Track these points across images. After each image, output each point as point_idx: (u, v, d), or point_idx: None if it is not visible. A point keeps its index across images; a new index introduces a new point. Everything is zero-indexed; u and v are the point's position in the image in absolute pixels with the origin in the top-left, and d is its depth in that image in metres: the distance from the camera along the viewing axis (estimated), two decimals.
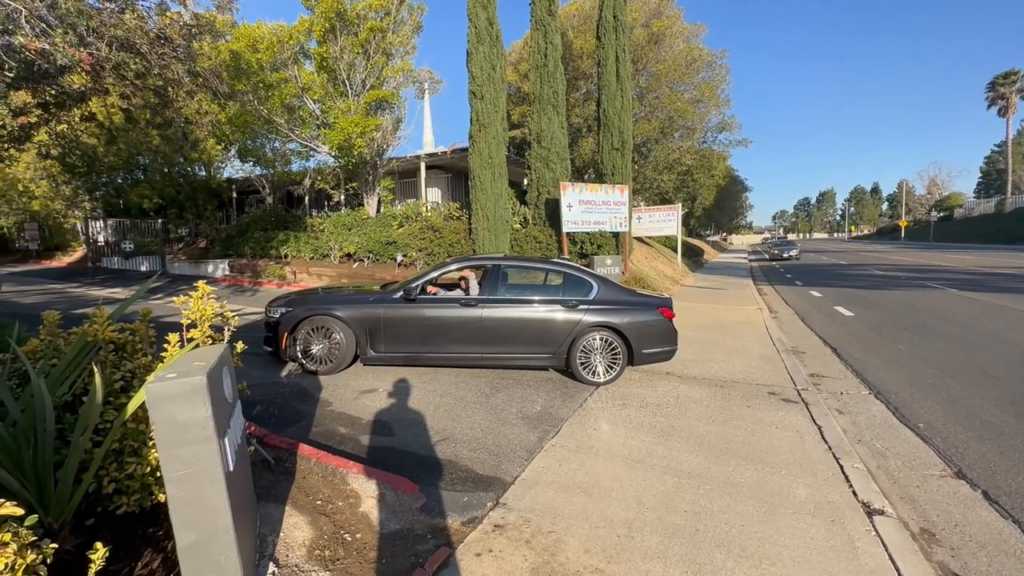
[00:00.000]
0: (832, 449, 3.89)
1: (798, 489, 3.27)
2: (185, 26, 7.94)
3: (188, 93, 9.71)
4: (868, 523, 2.90)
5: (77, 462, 2.14)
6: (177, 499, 1.75)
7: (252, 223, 17.26)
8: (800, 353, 7.33)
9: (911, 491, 3.43)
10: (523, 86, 22.38)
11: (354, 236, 15.03)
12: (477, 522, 2.80)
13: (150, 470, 2.33)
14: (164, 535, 2.35)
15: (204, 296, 2.75)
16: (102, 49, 6.14)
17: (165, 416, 1.71)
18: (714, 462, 3.62)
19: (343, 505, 2.89)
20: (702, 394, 5.18)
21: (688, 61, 22.94)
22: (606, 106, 14.60)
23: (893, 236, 68.41)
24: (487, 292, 5.56)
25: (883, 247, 45.97)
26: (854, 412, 4.94)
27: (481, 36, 12.64)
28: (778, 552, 2.61)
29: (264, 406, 4.49)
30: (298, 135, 15.63)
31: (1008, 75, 53.31)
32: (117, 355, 2.64)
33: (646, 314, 5.45)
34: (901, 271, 19.86)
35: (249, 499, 2.45)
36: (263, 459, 3.23)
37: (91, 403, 2.18)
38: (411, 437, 3.95)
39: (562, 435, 4.05)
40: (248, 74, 13.75)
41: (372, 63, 14.84)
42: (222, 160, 20.24)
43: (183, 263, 18.02)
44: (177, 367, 1.91)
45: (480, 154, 12.83)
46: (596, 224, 12.92)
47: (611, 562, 2.49)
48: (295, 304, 5.66)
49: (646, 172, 24.83)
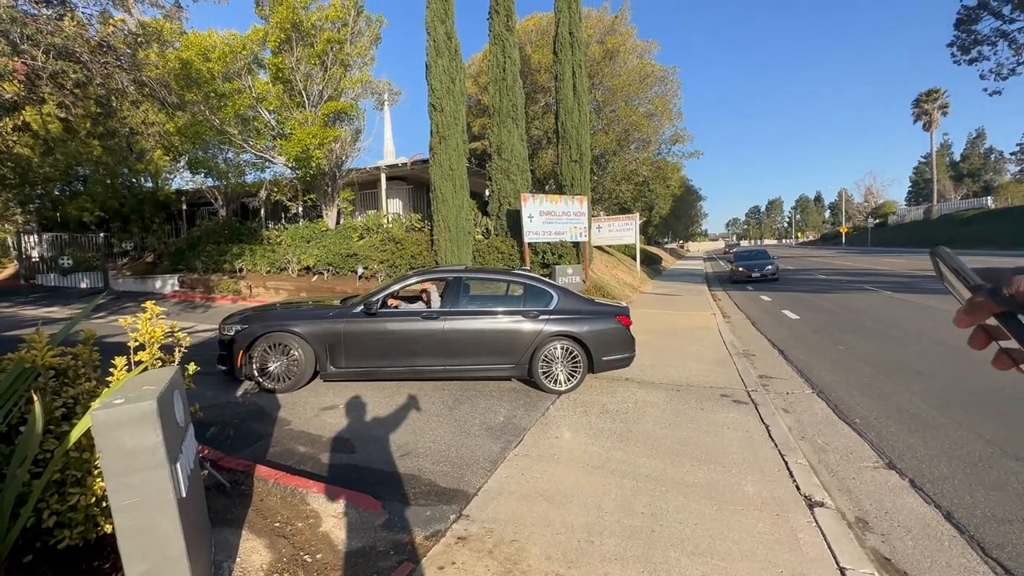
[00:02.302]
0: (778, 446, 4.12)
1: (747, 486, 3.45)
2: (130, 34, 7.65)
3: (133, 103, 9.31)
4: (809, 515, 3.10)
5: (14, 496, 2.04)
6: (126, 528, 1.71)
7: (204, 236, 16.59)
8: (751, 356, 7.70)
9: (848, 483, 3.69)
10: (483, 98, 22.62)
11: (313, 249, 14.70)
12: (440, 535, 2.82)
13: (95, 500, 2.24)
14: (111, 567, 2.26)
15: (153, 317, 2.67)
16: (38, 57, 5.85)
17: (112, 444, 1.67)
18: (670, 464, 3.78)
19: (303, 526, 2.85)
20: (659, 398, 5.38)
21: (642, 76, 23.81)
22: (564, 119, 14.96)
23: (835, 241, 72.87)
24: (449, 304, 5.59)
25: (827, 252, 48.78)
26: (799, 411, 5.24)
27: (440, 49, 12.75)
28: (728, 547, 2.75)
29: (219, 427, 4.34)
30: (252, 146, 15.21)
31: (931, 93, 57.86)
32: (58, 381, 2.52)
33: (604, 322, 5.62)
34: (842, 275, 21.14)
35: (203, 525, 2.39)
36: (218, 483, 3.14)
37: (30, 433, 2.08)
38: (373, 453, 3.92)
39: (525, 444, 4.11)
40: (199, 84, 13.31)
41: (330, 74, 14.66)
42: (171, 171, 19.37)
43: (128, 279, 17.08)
44: (125, 392, 1.87)
45: (441, 166, 12.87)
46: (557, 234, 13.17)
47: (571, 567, 2.56)
48: (251, 320, 5.51)
49: (604, 183, 25.48)
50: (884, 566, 2.74)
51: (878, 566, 2.72)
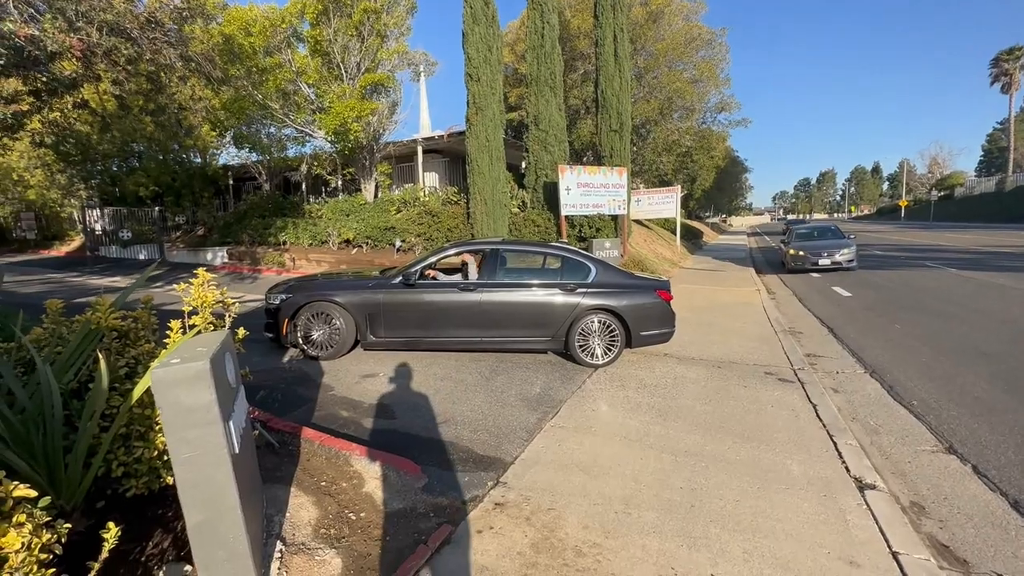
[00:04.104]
0: (826, 427, 3.96)
1: (792, 465, 3.34)
2: (175, 9, 7.81)
3: (181, 78, 9.59)
4: (860, 497, 2.97)
5: (86, 447, 2.19)
6: (185, 480, 1.80)
7: (250, 210, 17.19)
8: (797, 333, 7.39)
9: (903, 466, 3.51)
10: (520, 67, 22.07)
11: (352, 222, 14.99)
12: (478, 501, 2.87)
13: (157, 453, 2.38)
14: (173, 516, 2.41)
15: (205, 283, 2.77)
16: (92, 34, 6.05)
17: (171, 400, 1.75)
18: (710, 440, 3.69)
19: (347, 486, 2.96)
20: (699, 374, 5.25)
21: (687, 39, 22.58)
22: (604, 87, 14.42)
23: (893, 216, 68.18)
24: (486, 276, 5.58)
25: (883, 227, 45.84)
26: (849, 391, 5.01)
27: (477, 16, 12.43)
28: (771, 525, 2.68)
29: (267, 391, 4.55)
30: (293, 120, 15.47)
31: (1012, 51, 52.44)
32: (121, 342, 2.67)
33: (644, 297, 5.49)
34: (900, 251, 19.86)
35: (255, 480, 2.51)
36: (267, 442, 3.29)
37: (97, 389, 2.22)
38: (412, 419, 4.02)
39: (561, 416, 4.11)
40: (241, 58, 13.54)
41: (367, 45, 14.60)
42: (217, 147, 20.05)
43: (181, 251, 17.99)
44: (180, 353, 1.94)
45: (477, 137, 12.72)
46: (595, 207, 12.88)
47: (609, 537, 2.56)
48: (295, 291, 5.69)
49: (645, 154, 24.64)
50: (942, 552, 2.61)
51: (934, 552, 2.58)
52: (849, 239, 14.74)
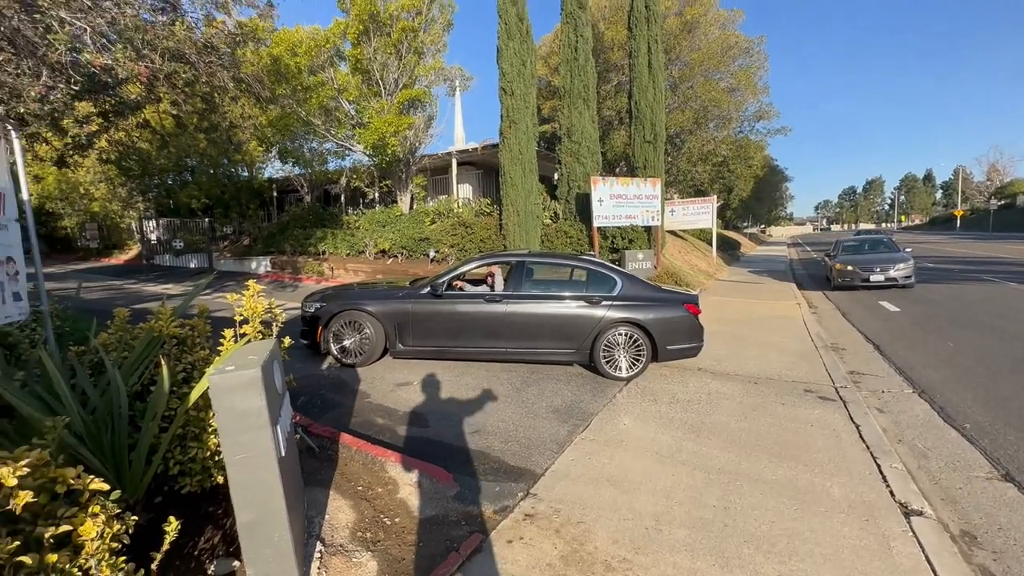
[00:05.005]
0: (870, 448, 3.81)
1: (832, 488, 3.24)
2: (229, 34, 8.32)
3: (233, 98, 10.17)
4: (905, 523, 2.86)
5: (147, 445, 2.37)
6: (237, 481, 1.93)
7: (292, 221, 17.94)
8: (840, 350, 7.12)
9: (953, 493, 3.34)
10: (553, 80, 22.26)
11: (388, 233, 15.41)
12: (508, 511, 2.91)
13: (209, 454, 2.54)
14: (222, 514, 2.57)
15: (255, 294, 2.95)
16: (156, 61, 6.53)
17: (226, 405, 1.89)
18: (745, 458, 3.62)
19: (382, 491, 3.06)
20: (734, 390, 5.14)
21: (724, 48, 22.27)
22: (638, 98, 14.38)
23: (948, 226, 64.42)
24: (511, 288, 5.67)
25: (936, 238, 43.43)
26: (895, 411, 4.80)
27: (511, 32, 12.68)
28: (808, 549, 2.61)
29: (307, 397, 4.74)
30: (334, 135, 16.10)
31: None
32: (179, 348, 2.88)
33: (671, 310, 5.44)
34: (955, 263, 18.79)
35: (297, 483, 2.64)
36: (308, 447, 3.44)
37: (159, 392, 2.40)
38: (445, 428, 4.11)
39: (592, 429, 4.12)
40: (288, 78, 14.25)
41: (404, 62, 15.10)
42: (263, 161, 21.05)
43: (228, 260, 18.90)
44: (234, 360, 2.09)
45: (510, 150, 12.90)
46: (628, 218, 12.80)
47: (639, 553, 2.55)
48: (329, 299, 5.93)
49: (679, 164, 24.31)
50: None
51: None
52: (905, 252, 13.41)
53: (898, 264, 12.48)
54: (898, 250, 13.94)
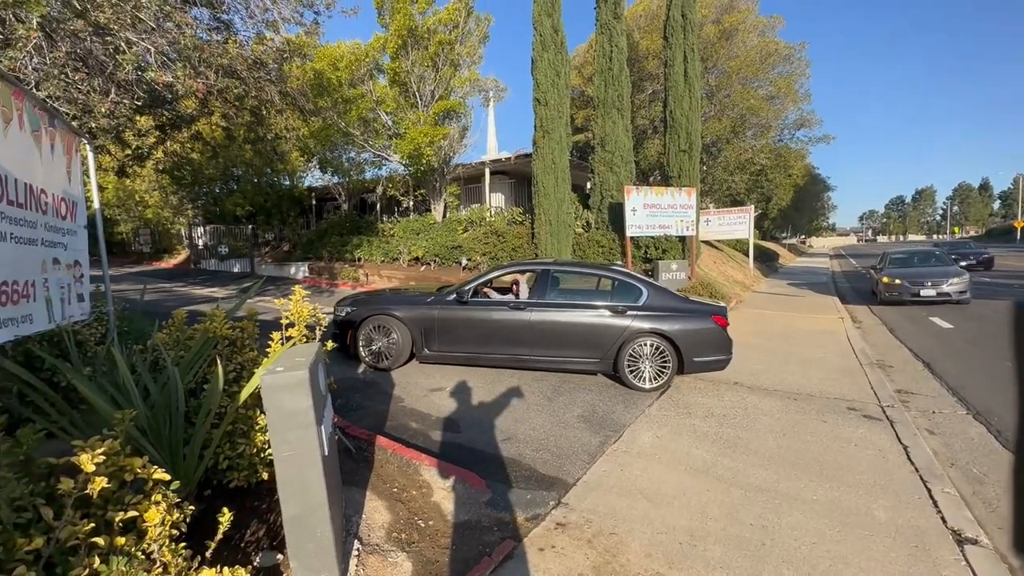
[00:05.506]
0: (919, 471, 3.64)
1: (877, 511, 3.11)
2: (277, 51, 8.75)
3: (278, 111, 10.66)
4: (957, 552, 2.72)
5: (201, 440, 2.51)
6: (284, 477, 2.02)
7: (329, 228, 18.53)
8: (886, 367, 6.81)
9: (1011, 522, 3.15)
10: (587, 89, 22.28)
11: (422, 240, 15.71)
12: (540, 519, 2.93)
13: (256, 451, 2.67)
14: (267, 508, 2.68)
15: (300, 299, 3.09)
16: (211, 77, 6.94)
17: (276, 404, 1.99)
18: (784, 477, 3.51)
19: (416, 494, 3.13)
20: (773, 406, 4.99)
21: (763, 56, 21.83)
22: (673, 107, 14.26)
23: (1007, 238, 60.49)
24: (536, 296, 5.70)
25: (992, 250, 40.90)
26: (948, 433, 4.56)
27: (546, 43, 12.81)
28: (852, 573, 2.52)
29: (344, 399, 4.89)
30: (372, 145, 16.59)
31: None
32: (230, 349, 3.04)
33: (698, 322, 5.34)
34: (1015, 278, 17.67)
35: (337, 482, 2.73)
36: (346, 447, 3.55)
37: (213, 390, 2.54)
38: (477, 434, 4.16)
39: (624, 440, 4.08)
40: (329, 91, 14.79)
41: (440, 75, 15.45)
42: (304, 170, 21.86)
43: (268, 265, 19.65)
44: (283, 362, 2.20)
45: (543, 159, 12.98)
46: (661, 228, 12.63)
47: (672, 567, 2.52)
48: (359, 304, 6.11)
49: (715, 173, 23.86)
50: None
51: None
52: (956, 267, 12.68)
53: (951, 278, 11.68)
54: (950, 263, 13.18)
